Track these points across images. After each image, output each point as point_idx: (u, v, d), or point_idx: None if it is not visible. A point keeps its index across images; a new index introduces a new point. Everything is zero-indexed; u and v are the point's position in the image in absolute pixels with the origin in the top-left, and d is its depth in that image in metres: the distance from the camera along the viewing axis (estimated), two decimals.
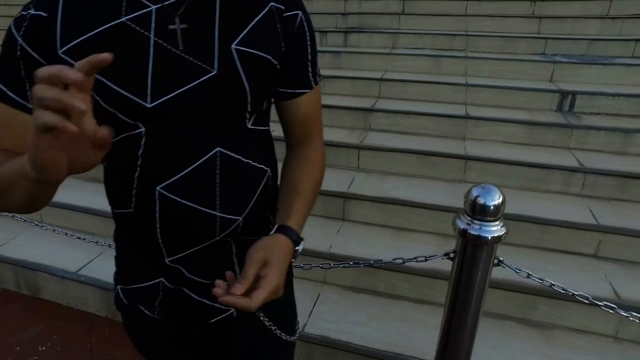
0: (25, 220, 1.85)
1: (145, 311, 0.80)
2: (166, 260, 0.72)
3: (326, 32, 3.54)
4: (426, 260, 1.17)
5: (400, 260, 1.18)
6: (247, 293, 0.57)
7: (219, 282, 0.58)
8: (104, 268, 2.13)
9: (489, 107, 2.66)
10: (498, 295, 1.75)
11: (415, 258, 1.18)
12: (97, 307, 2.12)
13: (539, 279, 1.13)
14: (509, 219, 1.94)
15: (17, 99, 0.60)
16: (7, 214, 2.49)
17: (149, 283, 0.76)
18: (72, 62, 0.58)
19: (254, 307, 0.57)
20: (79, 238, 1.90)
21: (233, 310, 0.79)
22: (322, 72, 0.79)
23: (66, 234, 1.93)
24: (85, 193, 2.58)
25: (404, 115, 2.63)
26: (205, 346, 0.95)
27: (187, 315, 0.79)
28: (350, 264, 1.19)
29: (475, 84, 2.73)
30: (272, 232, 0.67)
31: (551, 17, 3.26)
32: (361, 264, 1.24)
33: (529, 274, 1.14)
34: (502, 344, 1.63)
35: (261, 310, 0.80)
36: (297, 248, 0.68)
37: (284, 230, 0.67)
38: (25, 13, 0.60)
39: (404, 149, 2.41)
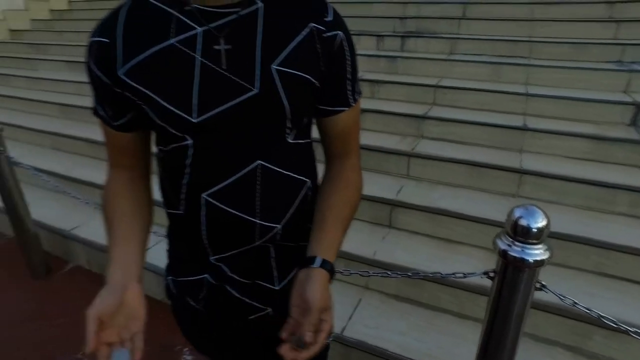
0: (96, 208, 2.05)
1: (191, 302, 0.87)
2: (210, 259, 0.79)
3: (383, 36, 3.52)
4: (465, 277, 1.16)
5: (439, 275, 1.18)
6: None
7: (284, 337, 0.68)
8: (162, 256, 2.30)
9: (551, 119, 2.52)
10: (547, 318, 1.68)
11: (453, 274, 1.17)
12: (156, 291, 2.29)
13: (586, 308, 1.08)
14: (564, 239, 1.87)
15: (107, 118, 0.74)
16: (82, 199, 2.76)
17: (194, 278, 0.84)
18: (130, 82, 0.66)
19: (321, 348, 0.67)
20: None
21: (270, 310, 0.85)
22: (377, 76, 0.82)
23: None
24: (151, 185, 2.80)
25: (458, 124, 2.57)
26: (242, 340, 1.02)
27: (228, 310, 0.86)
28: (388, 274, 1.21)
29: (537, 94, 2.60)
30: (316, 263, 0.71)
31: (632, 21, 3.00)
32: (399, 274, 1.26)
33: (574, 302, 1.09)
34: None
35: None
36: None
37: (327, 267, 0.71)
38: (92, 40, 0.69)
39: (456, 158, 2.36)
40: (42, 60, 4.87)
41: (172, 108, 0.66)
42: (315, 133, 0.83)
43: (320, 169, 0.84)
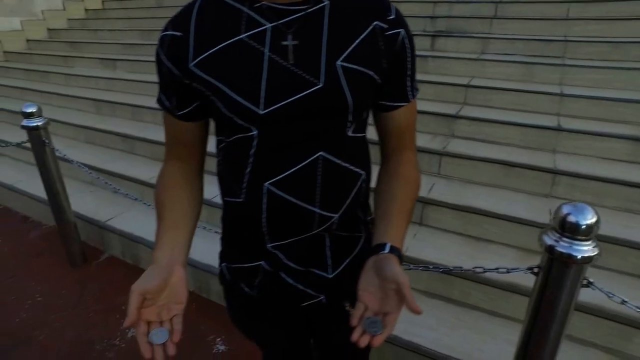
0: (135, 199, 2.12)
1: (245, 288, 0.90)
2: (267, 246, 0.81)
3: (413, 35, 3.51)
4: (508, 272, 1.16)
5: (481, 270, 1.18)
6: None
7: (354, 324, 0.68)
8: (195, 247, 2.36)
9: (586, 120, 2.48)
10: (583, 318, 1.66)
11: (496, 269, 1.18)
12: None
13: (636, 307, 1.07)
14: (601, 240, 1.83)
15: (171, 108, 0.78)
16: (119, 191, 2.85)
17: (250, 264, 0.86)
18: (201, 73, 0.70)
19: (392, 331, 0.68)
20: None
21: (323, 297, 0.88)
22: None
23: None
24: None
25: (490, 123, 2.55)
26: (294, 326, 1.05)
27: (282, 297, 0.88)
28: (429, 268, 1.22)
29: (572, 94, 2.56)
30: (387, 249, 0.72)
31: None
32: (441, 269, 1.27)
33: (623, 300, 1.08)
34: None
35: (348, 300, 0.88)
36: None
37: (396, 253, 0.72)
38: (164, 34, 0.73)
39: (487, 158, 2.34)
40: (78, 57, 5.04)
41: (240, 100, 0.69)
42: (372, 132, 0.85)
43: (374, 169, 0.87)
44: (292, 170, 0.73)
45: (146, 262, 2.52)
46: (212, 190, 1.25)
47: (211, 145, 0.82)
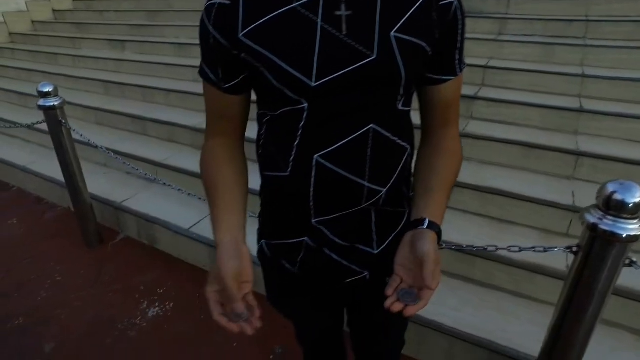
0: (153, 180, 2.10)
1: (287, 265, 0.89)
2: (312, 221, 0.79)
3: None
4: (545, 251, 1.15)
5: (517, 249, 1.17)
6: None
7: (389, 294, 0.70)
8: (208, 227, 2.36)
9: (609, 101, 2.43)
10: (612, 300, 1.65)
11: (533, 248, 1.16)
12: (204, 262, 2.36)
13: None
14: None
15: (216, 81, 0.75)
16: (132, 172, 2.84)
17: (293, 240, 0.85)
18: (250, 43, 0.67)
19: (426, 305, 0.69)
20: (194, 196, 2.10)
21: (367, 273, 0.86)
22: None
23: (182, 191, 2.13)
24: (197, 159, 2.85)
25: (509, 105, 2.51)
26: (334, 303, 1.04)
27: (325, 273, 0.87)
28: (462, 247, 1.21)
29: (595, 75, 2.51)
30: (426, 225, 0.71)
31: None
32: (475, 248, 1.26)
33: None
34: (612, 353, 1.54)
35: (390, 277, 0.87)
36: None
37: (435, 228, 0.72)
38: (211, 2, 0.69)
39: (507, 139, 2.31)
40: (85, 39, 4.97)
41: (292, 71, 0.66)
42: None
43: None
44: (343, 142, 0.71)
45: (162, 243, 2.52)
46: None
47: None
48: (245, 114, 0.83)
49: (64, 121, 2.17)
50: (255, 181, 0.87)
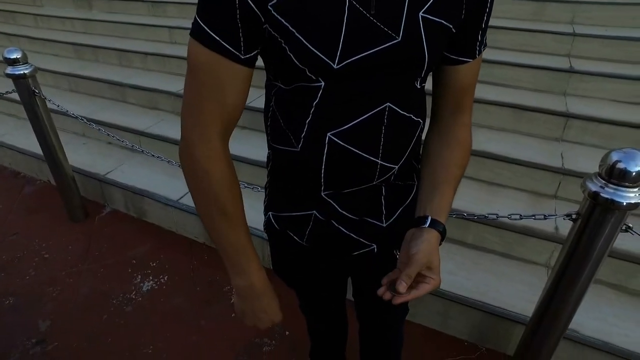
0: (140, 150, 2.02)
1: (295, 237, 0.88)
2: (322, 194, 0.78)
3: None
4: (545, 218, 1.17)
5: (518, 216, 1.19)
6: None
7: (384, 283, 0.70)
8: None
9: (598, 61, 2.43)
10: None
11: (533, 216, 1.18)
12: (196, 233, 2.34)
13: None
14: None
15: (233, 50, 0.61)
16: (114, 142, 2.73)
17: (301, 213, 0.83)
18: (277, 16, 0.60)
19: (419, 295, 0.69)
20: (179, 166, 2.04)
21: (375, 246, 0.87)
22: None
23: (171, 162, 2.03)
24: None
25: (500, 65, 2.48)
26: (340, 275, 1.05)
27: (334, 245, 0.87)
28: (464, 215, 1.22)
29: (584, 34, 2.49)
30: (427, 223, 0.71)
31: None
32: (476, 217, 1.27)
33: None
34: (594, 307, 1.63)
35: (398, 249, 0.86)
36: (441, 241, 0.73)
37: (438, 227, 0.71)
38: None
39: (498, 101, 2.30)
40: None
41: (316, 51, 0.61)
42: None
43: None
44: (358, 120, 0.68)
45: (152, 215, 2.47)
46: None
47: None
48: (244, 102, 0.69)
49: (37, 91, 2.03)
50: (260, 152, 0.82)
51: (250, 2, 0.60)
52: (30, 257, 2.23)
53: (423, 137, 0.82)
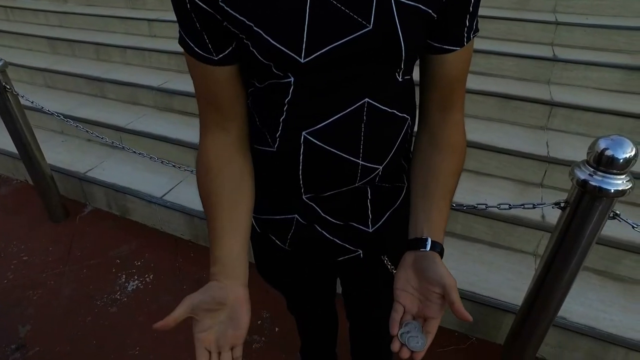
0: (113, 145, 1.96)
1: (277, 241, 0.84)
2: (303, 197, 0.74)
3: None
4: (534, 207, 1.17)
5: (507, 206, 1.18)
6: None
7: (394, 333, 0.63)
8: (187, 194, 2.27)
9: (581, 49, 2.44)
10: None
11: (522, 205, 1.17)
12: (181, 230, 2.29)
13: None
14: None
15: (204, 54, 0.62)
16: (94, 139, 2.65)
17: (282, 217, 0.79)
18: (231, 11, 0.56)
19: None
20: (164, 162, 1.96)
21: (360, 252, 0.82)
22: None
23: (153, 158, 1.98)
24: (163, 122, 2.69)
25: (483, 54, 2.47)
26: (326, 279, 1.02)
27: (317, 250, 0.83)
28: (453, 206, 1.20)
29: (567, 22, 2.49)
30: (427, 247, 0.66)
31: None
32: (465, 207, 1.26)
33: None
34: (580, 293, 1.64)
35: (386, 255, 0.83)
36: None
37: (437, 249, 0.66)
38: None
39: (483, 90, 2.30)
40: None
41: (279, 46, 0.57)
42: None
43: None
44: (334, 118, 0.63)
45: (135, 213, 2.41)
46: None
47: None
48: (241, 98, 0.69)
49: (8, 86, 1.95)
50: None
51: (199, 2, 0.57)
52: (8, 260, 2.15)
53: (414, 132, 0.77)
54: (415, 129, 0.77)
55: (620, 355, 1.50)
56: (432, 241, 0.66)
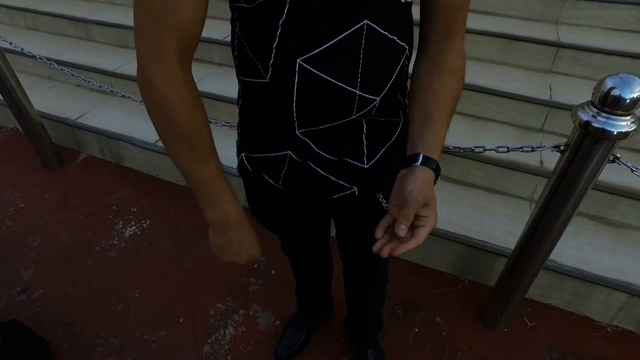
0: (103, 90, 1.89)
1: (270, 180, 0.82)
2: (297, 132, 0.71)
3: None
4: (533, 150, 1.14)
5: (505, 149, 1.15)
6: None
7: (379, 237, 0.64)
8: None
9: None
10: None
11: (521, 148, 1.14)
12: (177, 176, 2.28)
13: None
14: None
15: None
16: (83, 85, 2.56)
17: (275, 154, 0.77)
18: None
19: (420, 243, 0.62)
20: None
21: (355, 189, 0.82)
22: None
23: (141, 101, 1.95)
24: None
25: None
26: (320, 217, 1.01)
27: (311, 188, 0.82)
28: (450, 149, 1.18)
29: None
30: (419, 161, 0.64)
31: None
32: (461, 150, 1.23)
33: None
34: (572, 237, 1.66)
35: (381, 192, 0.82)
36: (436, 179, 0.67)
37: (432, 165, 0.64)
38: None
39: (487, 31, 2.19)
40: None
41: None
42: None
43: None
44: (331, 42, 0.60)
45: (129, 160, 2.38)
46: None
47: None
48: (202, 20, 0.59)
49: None
50: (232, 88, 0.75)
51: None
52: (5, 206, 2.16)
53: (410, 67, 0.74)
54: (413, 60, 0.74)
55: (604, 295, 1.55)
56: (424, 156, 0.64)
